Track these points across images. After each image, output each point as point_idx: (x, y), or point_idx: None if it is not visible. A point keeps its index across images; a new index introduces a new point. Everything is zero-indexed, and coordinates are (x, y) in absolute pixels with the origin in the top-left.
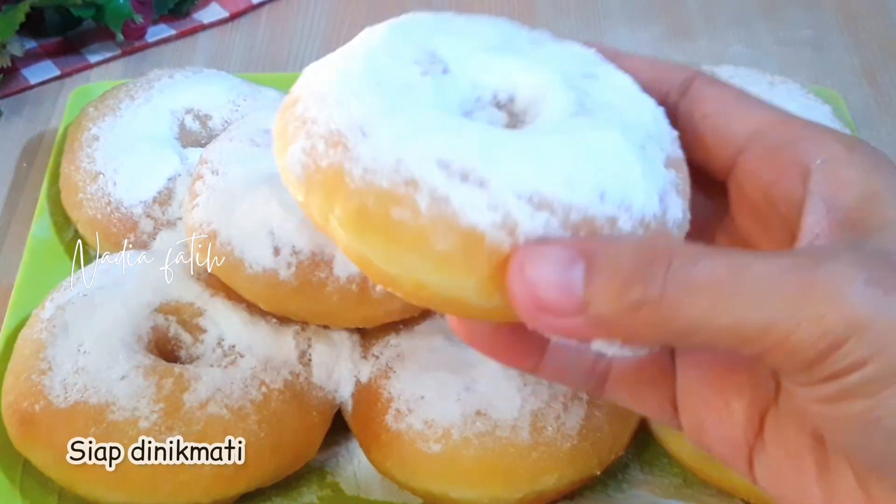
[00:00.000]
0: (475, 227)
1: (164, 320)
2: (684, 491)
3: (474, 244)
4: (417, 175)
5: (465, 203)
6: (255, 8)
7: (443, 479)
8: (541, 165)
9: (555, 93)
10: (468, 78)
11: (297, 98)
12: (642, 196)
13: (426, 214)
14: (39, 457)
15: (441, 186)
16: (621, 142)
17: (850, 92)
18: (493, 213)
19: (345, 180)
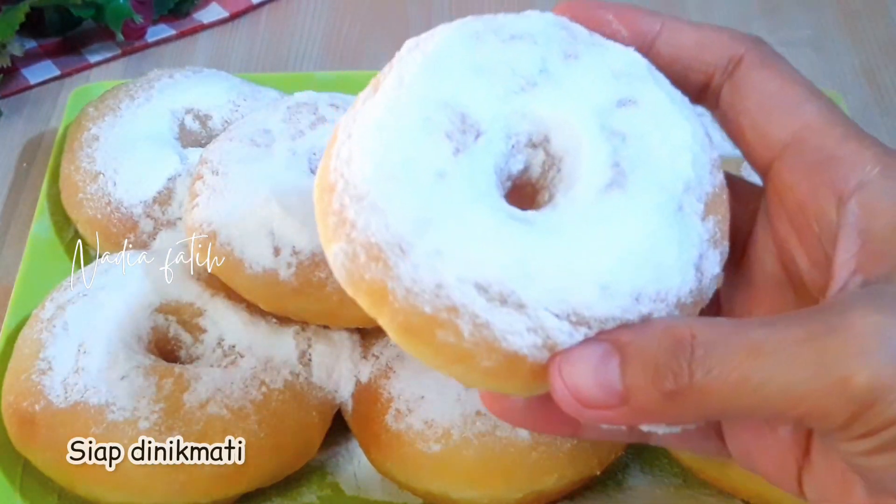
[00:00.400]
0: (517, 352)
1: (164, 320)
2: (684, 491)
3: (517, 364)
4: (457, 302)
5: (505, 329)
6: (255, 8)
7: (443, 479)
8: (577, 278)
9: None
10: (502, 130)
11: (334, 185)
12: (678, 279)
13: (468, 339)
14: (39, 457)
15: (481, 313)
16: (658, 223)
17: (850, 92)
18: (533, 336)
19: (388, 298)
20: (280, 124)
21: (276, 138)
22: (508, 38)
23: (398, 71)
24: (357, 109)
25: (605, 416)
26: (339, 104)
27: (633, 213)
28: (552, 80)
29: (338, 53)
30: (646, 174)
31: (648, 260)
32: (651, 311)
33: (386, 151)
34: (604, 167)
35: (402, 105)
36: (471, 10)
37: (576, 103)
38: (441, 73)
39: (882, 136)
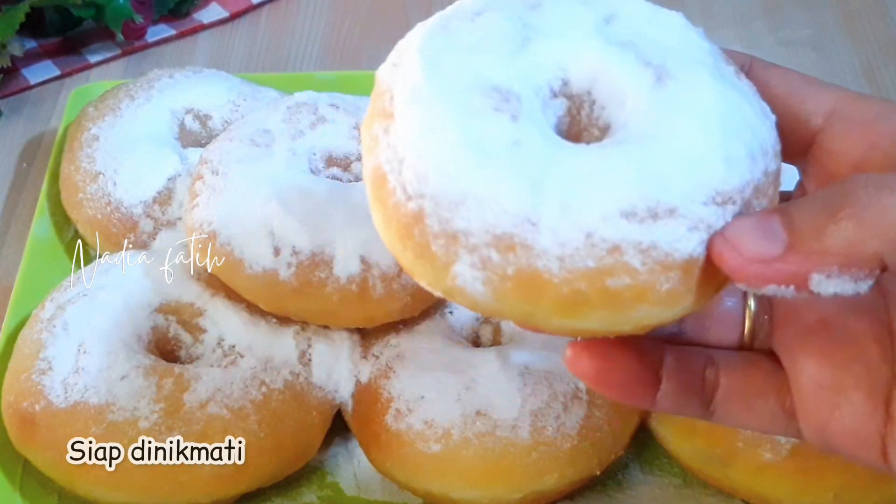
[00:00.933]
0: (690, 255)
1: (164, 320)
2: (684, 491)
3: (693, 271)
4: (615, 239)
5: (671, 239)
6: (255, 8)
7: (443, 479)
8: (701, 162)
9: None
10: (529, 89)
11: (419, 212)
12: (764, 129)
13: (643, 270)
14: (39, 457)
15: (643, 237)
16: (720, 90)
17: None
18: (696, 234)
19: (544, 278)
20: (280, 124)
21: (276, 138)
22: (474, 16)
23: (402, 90)
24: (385, 142)
25: (772, 272)
26: (339, 104)
27: (699, 90)
28: (537, 29)
29: (338, 53)
30: (677, 59)
31: (739, 121)
32: (766, 166)
33: (455, 151)
34: (640, 70)
35: (436, 108)
36: None
37: (573, 36)
38: (445, 67)
39: None
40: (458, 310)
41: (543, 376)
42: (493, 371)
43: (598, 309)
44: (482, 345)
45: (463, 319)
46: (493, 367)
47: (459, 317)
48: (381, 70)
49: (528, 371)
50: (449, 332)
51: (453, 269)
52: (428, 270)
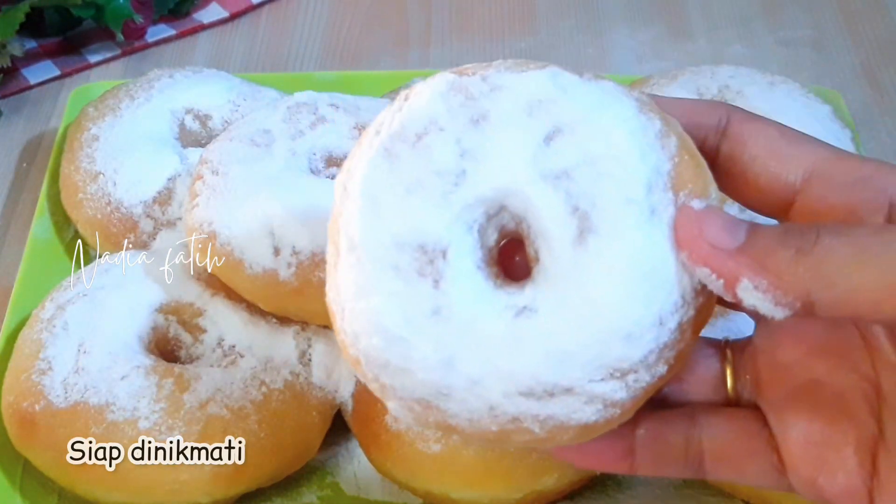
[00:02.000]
0: (587, 423)
1: (164, 320)
2: (684, 491)
3: (591, 429)
4: (514, 413)
5: (567, 412)
6: (255, 8)
7: (443, 479)
8: (602, 343)
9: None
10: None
11: (357, 360)
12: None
13: (540, 433)
14: (39, 457)
15: (539, 411)
16: (643, 242)
17: (850, 92)
18: (592, 406)
19: (458, 429)
20: (280, 124)
21: (276, 138)
22: (416, 140)
23: (345, 235)
24: (333, 278)
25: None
26: (338, 104)
27: (618, 252)
28: (474, 156)
29: (338, 53)
30: (606, 201)
31: (653, 285)
32: (679, 321)
33: (379, 319)
34: (565, 218)
35: (368, 269)
36: (469, 10)
37: (508, 165)
38: (380, 215)
39: (882, 136)
40: None
41: None
42: None
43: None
44: None
45: None
46: None
47: None
48: (336, 183)
49: None
50: None
51: (388, 404)
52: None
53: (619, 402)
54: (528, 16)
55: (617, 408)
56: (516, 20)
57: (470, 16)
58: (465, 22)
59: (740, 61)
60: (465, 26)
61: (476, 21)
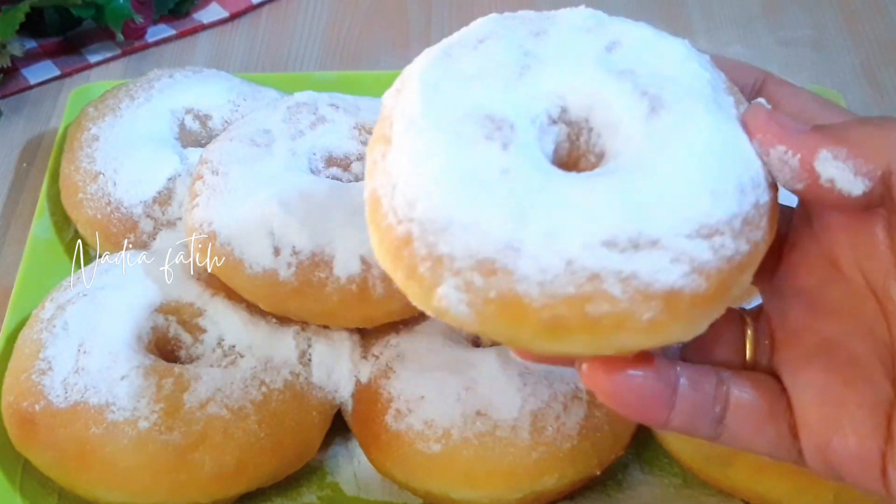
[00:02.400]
0: (672, 287)
1: (164, 320)
2: (684, 491)
3: (676, 301)
4: (595, 267)
5: (651, 270)
6: (255, 8)
7: (443, 479)
8: (687, 195)
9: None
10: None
11: (408, 235)
12: (756, 162)
13: (622, 298)
14: (39, 457)
15: (623, 266)
16: (714, 122)
17: (850, 92)
18: (679, 266)
19: (524, 302)
20: (280, 124)
21: (276, 138)
22: (477, 43)
23: (401, 118)
24: (382, 167)
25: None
26: (338, 104)
27: (691, 122)
28: (537, 57)
29: (338, 53)
30: (674, 90)
31: (730, 153)
32: (756, 198)
33: (444, 177)
34: (635, 98)
35: (429, 137)
36: (470, 10)
37: (573, 65)
38: (442, 96)
39: None
40: None
41: (543, 376)
42: (493, 371)
43: (579, 334)
44: (482, 345)
45: None
46: (493, 367)
47: None
48: (386, 96)
49: (528, 371)
50: (449, 332)
51: (438, 291)
52: (416, 291)
53: (705, 268)
54: None
55: (703, 277)
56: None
57: (470, 15)
58: (466, 22)
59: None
60: (465, 26)
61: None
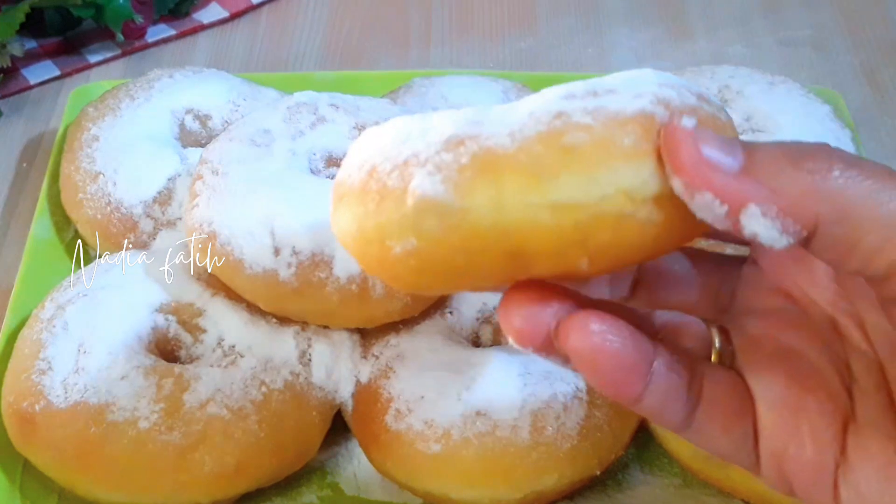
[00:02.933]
0: (643, 110)
1: (164, 320)
2: (684, 491)
3: (651, 127)
4: (560, 108)
5: (617, 102)
6: (255, 8)
7: (443, 479)
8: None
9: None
10: None
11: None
12: None
13: (596, 125)
14: (39, 457)
15: (587, 104)
16: None
17: (850, 92)
18: (646, 98)
19: (499, 153)
20: (280, 124)
21: (276, 138)
22: None
23: None
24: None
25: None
26: (339, 104)
27: None
28: None
29: (338, 53)
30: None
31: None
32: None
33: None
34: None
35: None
36: (469, 10)
37: None
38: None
39: (882, 136)
40: (459, 310)
41: (543, 376)
42: (493, 371)
43: (564, 173)
44: (482, 345)
45: (463, 319)
46: (493, 367)
47: (459, 317)
48: None
49: (528, 371)
50: (449, 332)
51: (411, 187)
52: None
53: (671, 103)
54: (529, 16)
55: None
56: (516, 20)
57: (470, 15)
58: (465, 22)
59: (740, 61)
60: (465, 26)
61: (476, 21)
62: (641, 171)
